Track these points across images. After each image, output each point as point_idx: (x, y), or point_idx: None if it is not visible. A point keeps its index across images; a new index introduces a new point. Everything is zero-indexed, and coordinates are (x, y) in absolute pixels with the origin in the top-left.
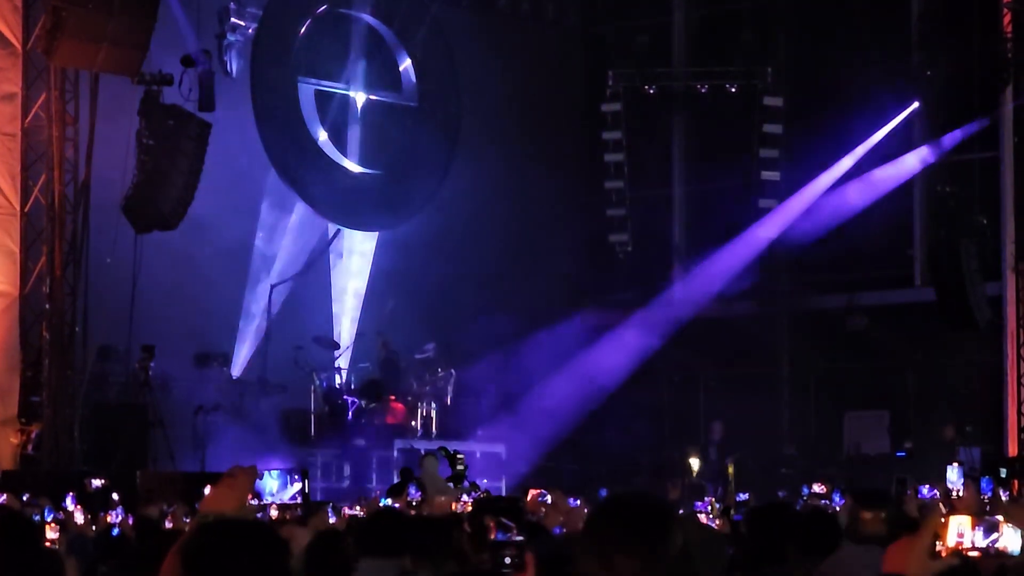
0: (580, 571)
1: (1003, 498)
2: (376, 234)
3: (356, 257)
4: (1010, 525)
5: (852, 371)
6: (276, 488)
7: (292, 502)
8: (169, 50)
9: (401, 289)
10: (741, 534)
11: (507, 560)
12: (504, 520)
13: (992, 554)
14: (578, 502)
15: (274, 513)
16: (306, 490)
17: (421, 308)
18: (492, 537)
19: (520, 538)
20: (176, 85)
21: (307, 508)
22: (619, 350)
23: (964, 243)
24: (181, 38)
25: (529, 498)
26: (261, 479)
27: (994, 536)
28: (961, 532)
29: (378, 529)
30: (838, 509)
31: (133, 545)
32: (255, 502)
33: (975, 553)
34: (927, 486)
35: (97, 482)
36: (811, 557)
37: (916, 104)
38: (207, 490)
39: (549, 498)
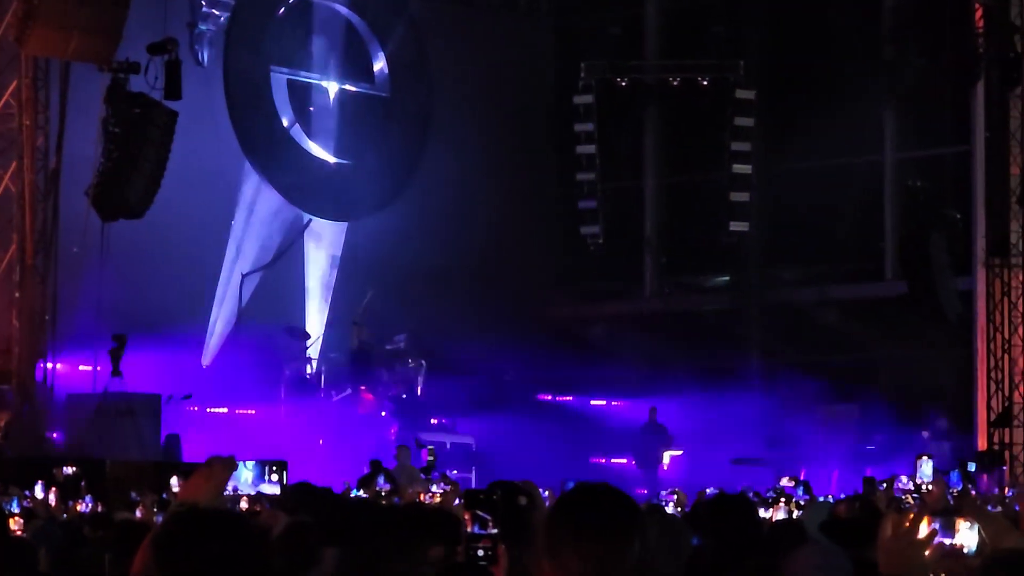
0: (536, 565)
1: (971, 493)
2: (346, 224)
3: (328, 247)
4: (967, 522)
5: (822, 364)
6: (251, 479)
7: (267, 493)
8: (137, 38)
9: (372, 280)
10: (706, 528)
11: (480, 553)
12: (480, 513)
13: (949, 551)
14: (546, 494)
15: (244, 504)
16: (284, 481)
17: (391, 299)
18: (468, 529)
19: (495, 531)
20: (143, 73)
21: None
22: (589, 342)
23: (935, 237)
24: (149, 26)
25: None
26: (236, 470)
27: (950, 533)
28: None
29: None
30: (803, 504)
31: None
32: (230, 492)
33: None
34: (905, 476)
35: (68, 470)
36: (767, 554)
37: (888, 97)
38: (174, 479)
39: None
